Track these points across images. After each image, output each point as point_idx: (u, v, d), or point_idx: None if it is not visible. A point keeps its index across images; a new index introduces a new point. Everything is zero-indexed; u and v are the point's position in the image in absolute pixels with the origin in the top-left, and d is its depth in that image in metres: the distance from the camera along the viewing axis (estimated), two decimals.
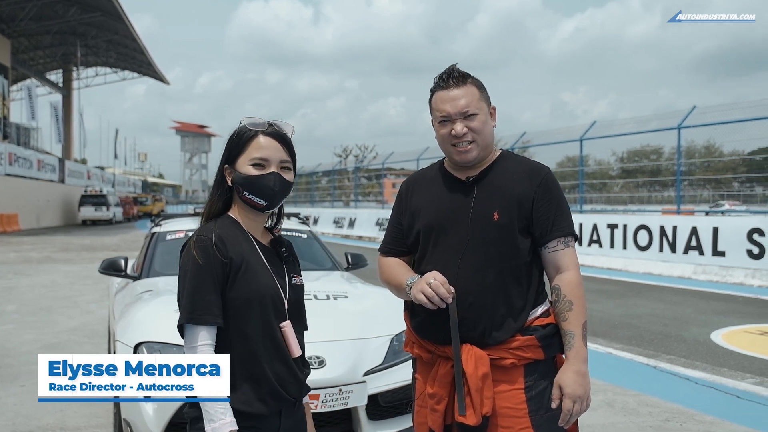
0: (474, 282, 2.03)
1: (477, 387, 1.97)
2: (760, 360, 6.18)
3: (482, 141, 2.09)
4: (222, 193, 1.94)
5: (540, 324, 2.07)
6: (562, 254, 2.07)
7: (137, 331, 3.65)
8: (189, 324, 1.77)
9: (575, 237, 2.12)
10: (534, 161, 2.19)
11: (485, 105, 2.10)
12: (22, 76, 49.22)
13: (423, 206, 2.17)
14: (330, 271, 5.30)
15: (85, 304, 9.48)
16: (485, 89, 2.14)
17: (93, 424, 4.40)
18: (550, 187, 2.09)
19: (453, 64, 2.13)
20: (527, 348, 2.03)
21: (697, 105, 14.56)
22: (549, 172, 2.13)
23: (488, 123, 2.11)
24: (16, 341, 6.97)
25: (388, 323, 3.98)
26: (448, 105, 2.07)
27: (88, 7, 40.44)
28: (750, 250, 11.75)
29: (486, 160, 2.15)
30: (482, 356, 2.00)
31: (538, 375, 2.05)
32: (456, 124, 2.07)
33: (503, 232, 2.04)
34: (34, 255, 18.21)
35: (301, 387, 1.92)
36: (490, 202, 2.07)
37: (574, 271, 2.07)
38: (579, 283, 2.07)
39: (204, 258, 1.79)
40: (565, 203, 2.12)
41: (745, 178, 27.43)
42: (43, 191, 38.25)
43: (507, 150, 2.25)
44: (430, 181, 2.23)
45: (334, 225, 29.21)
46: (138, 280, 4.93)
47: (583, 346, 2.02)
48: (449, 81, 2.09)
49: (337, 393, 3.42)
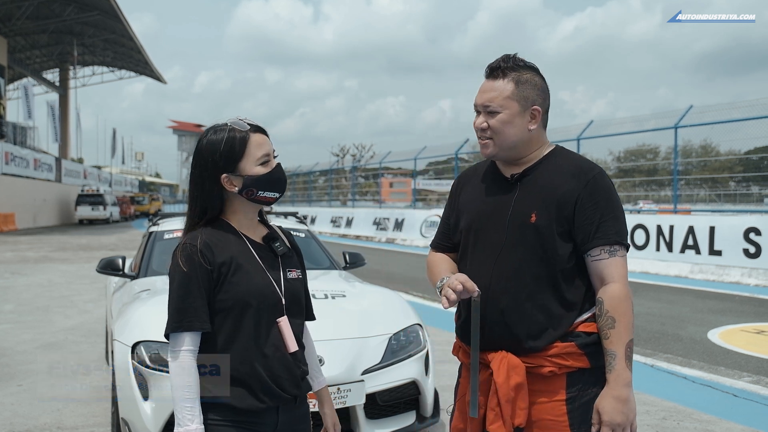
0: (508, 286, 1.93)
1: (508, 397, 1.87)
2: (756, 359, 6.20)
3: (500, 141, 1.97)
4: (219, 204, 1.89)
5: (584, 330, 1.92)
6: (606, 264, 1.90)
7: (135, 331, 3.65)
8: (175, 332, 1.80)
9: (625, 246, 1.93)
10: (586, 160, 2.03)
11: (516, 104, 1.94)
12: (19, 75, 49.07)
13: (468, 204, 2.10)
14: (328, 270, 5.30)
15: (82, 304, 9.46)
16: (534, 87, 1.97)
17: (90, 423, 4.39)
18: (597, 189, 1.93)
19: (510, 54, 2.00)
20: (567, 356, 1.89)
21: (695, 104, 14.66)
22: (599, 172, 1.96)
23: (514, 124, 1.95)
24: (14, 341, 6.96)
25: (387, 322, 3.99)
26: (478, 94, 2.00)
27: (85, 6, 40.33)
28: (746, 249, 11.78)
29: (532, 157, 2.01)
30: (517, 365, 1.90)
31: (582, 385, 1.90)
32: (479, 116, 2.00)
33: (541, 235, 1.92)
34: (31, 254, 18.17)
35: (298, 384, 1.92)
36: (530, 203, 1.95)
37: (619, 283, 1.89)
38: (624, 296, 1.88)
39: (189, 266, 1.80)
40: (615, 208, 1.94)
41: (741, 178, 27.48)
42: (39, 190, 38.17)
43: (560, 146, 2.09)
44: (479, 177, 2.14)
45: (332, 224, 29.20)
46: (136, 279, 4.93)
47: (626, 368, 1.85)
48: (490, 70, 2.00)
49: (335, 392, 3.43)
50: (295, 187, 41.61)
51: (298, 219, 6.17)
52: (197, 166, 1.88)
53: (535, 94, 1.97)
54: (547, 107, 2.03)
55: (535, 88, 1.97)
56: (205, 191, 1.88)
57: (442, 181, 41.66)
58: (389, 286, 6.00)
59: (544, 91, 2.00)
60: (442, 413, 4.37)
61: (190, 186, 1.92)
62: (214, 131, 1.88)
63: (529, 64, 2.00)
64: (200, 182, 1.88)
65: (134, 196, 58.17)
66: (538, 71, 2.01)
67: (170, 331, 1.80)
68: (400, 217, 24.10)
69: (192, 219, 1.90)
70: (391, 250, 20.61)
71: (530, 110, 1.97)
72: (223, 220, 1.91)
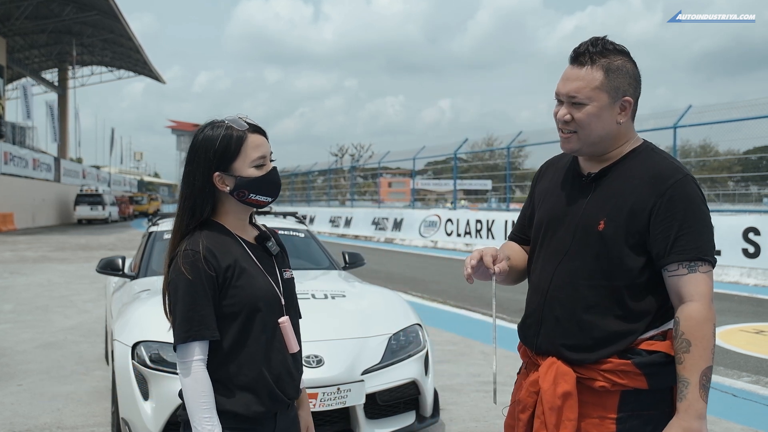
0: (564, 294, 1.81)
1: (553, 405, 1.76)
2: (755, 359, 6.20)
3: (585, 135, 1.78)
4: (207, 204, 1.83)
5: (646, 348, 1.74)
6: (684, 281, 1.69)
7: (135, 330, 3.65)
8: (185, 343, 1.74)
9: (709, 262, 1.71)
10: (671, 163, 1.78)
11: (606, 96, 1.75)
12: (18, 75, 49.00)
13: (543, 198, 1.96)
14: (327, 270, 5.30)
15: (81, 304, 9.46)
16: (625, 75, 1.77)
17: (90, 423, 4.39)
18: (677, 198, 1.71)
19: (600, 37, 1.79)
20: (622, 373, 1.73)
21: (695, 104, 14.67)
22: (683, 179, 1.73)
23: (603, 117, 1.76)
24: (13, 340, 6.95)
25: (386, 322, 3.99)
26: (561, 82, 1.80)
27: (84, 6, 40.29)
28: (745, 249, 11.79)
29: (615, 153, 1.82)
30: (566, 373, 1.77)
31: (636, 406, 1.74)
32: (561, 107, 1.81)
33: (608, 244, 1.75)
34: (30, 254, 18.16)
35: (297, 387, 1.92)
36: (601, 207, 1.78)
37: (699, 303, 1.67)
38: (705, 319, 1.67)
39: (193, 273, 1.74)
40: (698, 220, 1.72)
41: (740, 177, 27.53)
42: (38, 190, 38.13)
43: (647, 143, 1.87)
44: (560, 169, 1.96)
45: (331, 224, 29.20)
46: (135, 279, 4.93)
47: (700, 399, 1.65)
48: (576, 55, 1.79)
49: (335, 392, 3.43)
50: (293, 186, 41.62)
51: (298, 219, 6.17)
52: (191, 162, 1.83)
53: (626, 83, 1.77)
54: (638, 96, 1.83)
55: (626, 75, 1.77)
56: (197, 188, 1.82)
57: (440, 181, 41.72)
58: (389, 286, 6.01)
59: (635, 78, 1.80)
60: (442, 413, 4.38)
61: (182, 183, 1.85)
62: (212, 127, 1.82)
63: (620, 47, 1.80)
64: (192, 179, 1.82)
65: (133, 196, 58.15)
66: (629, 55, 1.81)
67: (180, 342, 1.74)
68: (398, 217, 24.11)
69: (182, 219, 1.83)
70: (390, 249, 20.61)
71: (620, 101, 1.77)
72: (216, 222, 1.86)
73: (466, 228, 20.01)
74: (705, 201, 1.77)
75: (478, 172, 42.22)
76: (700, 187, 1.77)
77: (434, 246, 20.92)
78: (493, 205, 33.66)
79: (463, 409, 4.64)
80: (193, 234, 1.81)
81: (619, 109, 1.78)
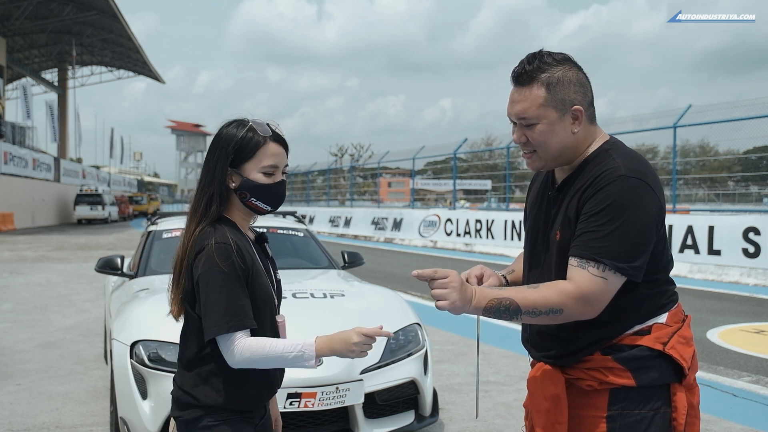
0: None
1: (541, 408, 1.78)
2: (756, 358, 6.20)
3: (545, 153, 1.76)
4: (223, 197, 1.87)
5: (629, 343, 1.73)
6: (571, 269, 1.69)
7: (134, 330, 3.64)
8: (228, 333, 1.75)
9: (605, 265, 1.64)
10: (614, 164, 1.71)
11: (553, 111, 1.72)
12: (18, 75, 49.00)
13: (528, 212, 1.99)
14: (327, 270, 5.29)
15: (80, 303, 9.45)
16: (569, 85, 1.72)
17: (89, 423, 4.38)
18: (600, 198, 1.67)
19: (536, 52, 1.76)
20: (606, 370, 1.72)
21: (695, 104, 14.68)
22: (617, 180, 1.67)
23: (557, 132, 1.73)
24: (12, 340, 6.94)
25: (385, 321, 3.97)
26: (509, 105, 1.78)
27: (84, 6, 40.31)
28: (745, 248, 11.79)
29: (576, 162, 1.80)
30: (554, 375, 1.79)
31: (626, 404, 1.72)
32: (516, 128, 1.79)
33: (564, 254, 1.74)
34: (29, 254, 18.15)
35: (282, 378, 2.01)
36: (557, 218, 1.80)
37: (572, 286, 1.66)
38: (565, 294, 1.65)
39: (228, 266, 1.78)
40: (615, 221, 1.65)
41: (740, 177, 27.53)
42: (38, 190, 38.14)
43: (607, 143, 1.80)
44: (541, 182, 1.96)
45: (330, 224, 29.20)
46: (134, 278, 4.93)
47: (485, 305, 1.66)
48: (516, 76, 1.75)
49: (333, 391, 3.42)
50: (293, 186, 41.60)
51: (297, 218, 6.17)
52: (212, 152, 1.88)
53: (572, 92, 1.73)
54: (591, 100, 1.79)
55: (570, 84, 1.73)
56: (216, 179, 1.86)
57: (440, 181, 41.69)
58: (388, 286, 6.00)
59: (582, 84, 1.76)
60: (441, 413, 4.37)
61: (201, 173, 1.90)
62: (236, 125, 1.87)
63: (559, 57, 1.75)
64: (212, 169, 1.86)
65: (132, 196, 58.07)
66: (570, 61, 1.77)
67: (224, 332, 1.74)
68: (398, 217, 24.10)
69: (197, 207, 1.86)
70: (390, 249, 20.60)
71: (570, 112, 1.74)
72: (229, 219, 1.90)
73: (466, 228, 20.00)
74: (644, 205, 1.67)
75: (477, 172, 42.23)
76: (643, 190, 1.67)
77: (434, 246, 20.92)
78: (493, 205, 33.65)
79: (463, 408, 4.63)
80: (214, 227, 1.84)
81: (572, 120, 1.75)
